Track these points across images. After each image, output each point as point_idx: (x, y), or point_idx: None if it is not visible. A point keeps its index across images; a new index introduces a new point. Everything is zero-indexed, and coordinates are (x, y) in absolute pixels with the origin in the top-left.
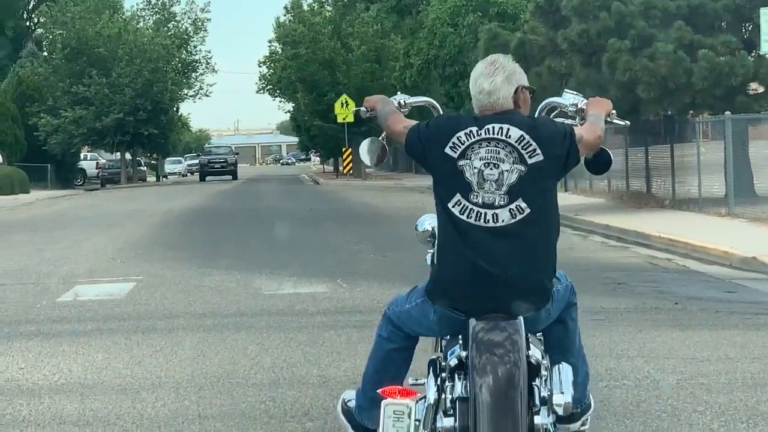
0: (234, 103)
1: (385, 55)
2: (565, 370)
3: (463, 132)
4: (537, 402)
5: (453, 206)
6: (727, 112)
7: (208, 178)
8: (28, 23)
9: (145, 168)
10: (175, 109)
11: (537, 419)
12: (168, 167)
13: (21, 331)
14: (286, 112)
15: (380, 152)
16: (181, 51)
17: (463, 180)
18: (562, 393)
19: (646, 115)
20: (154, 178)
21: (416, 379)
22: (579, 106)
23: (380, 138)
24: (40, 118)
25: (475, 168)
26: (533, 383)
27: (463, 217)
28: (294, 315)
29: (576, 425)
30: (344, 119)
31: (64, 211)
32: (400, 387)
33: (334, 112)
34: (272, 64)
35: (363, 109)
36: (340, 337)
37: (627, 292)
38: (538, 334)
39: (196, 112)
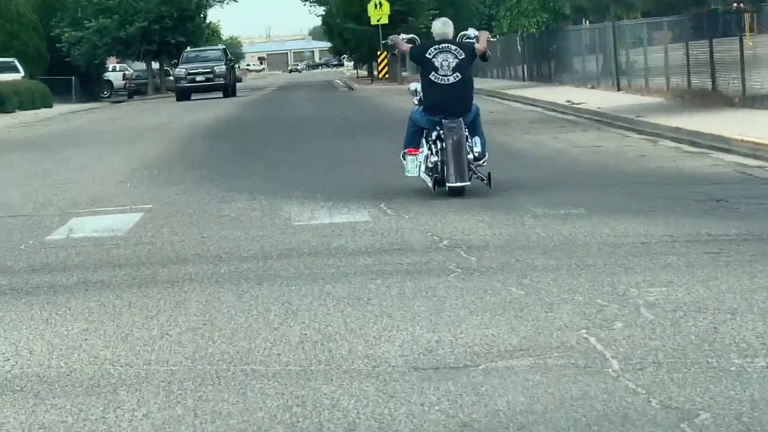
0: (265, 9)
1: None
2: (477, 139)
3: (432, 47)
4: (468, 150)
5: (432, 77)
6: None
7: (192, 96)
8: None
9: (174, 78)
10: (202, 16)
11: (469, 156)
12: None
13: None
14: (317, 16)
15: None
16: None
17: (435, 66)
18: (477, 146)
19: (715, 5)
20: None
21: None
22: (476, 34)
23: (395, 53)
24: (63, 31)
25: (439, 61)
26: (466, 143)
27: (436, 81)
28: (330, 256)
29: (483, 162)
30: (378, 21)
31: (83, 126)
32: (414, 149)
33: (367, 14)
34: None
35: (390, 43)
36: (390, 291)
37: (731, 212)
38: (465, 127)
39: (227, 20)
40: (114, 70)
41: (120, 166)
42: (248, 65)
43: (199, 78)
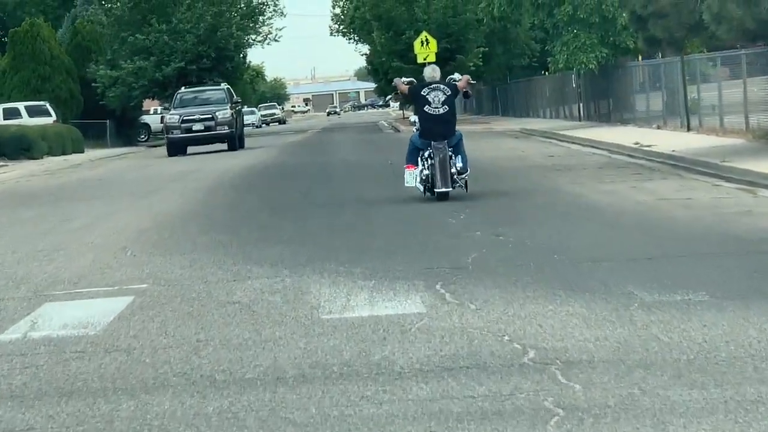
0: (310, 51)
1: None
2: (459, 157)
3: (426, 87)
4: (452, 165)
5: (426, 109)
6: None
7: (189, 149)
8: None
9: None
10: (241, 56)
11: (452, 170)
12: None
13: None
14: (361, 55)
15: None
16: None
17: (428, 101)
18: (459, 163)
19: None
20: None
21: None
22: (461, 77)
23: (398, 93)
24: (99, 68)
25: (431, 97)
26: (450, 160)
27: (429, 112)
28: (369, 379)
29: (464, 176)
30: (425, 59)
31: (107, 174)
32: (412, 165)
33: (413, 52)
34: (345, 3)
35: (393, 84)
36: None
37: None
38: (450, 148)
39: (271, 61)
40: (155, 112)
41: (128, 226)
42: (293, 107)
43: (196, 126)
